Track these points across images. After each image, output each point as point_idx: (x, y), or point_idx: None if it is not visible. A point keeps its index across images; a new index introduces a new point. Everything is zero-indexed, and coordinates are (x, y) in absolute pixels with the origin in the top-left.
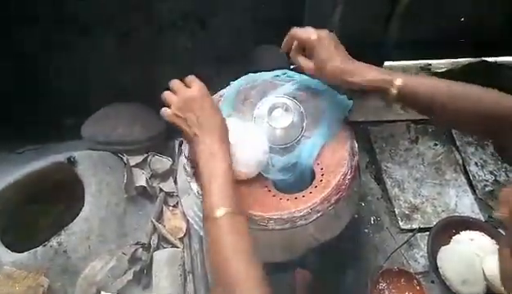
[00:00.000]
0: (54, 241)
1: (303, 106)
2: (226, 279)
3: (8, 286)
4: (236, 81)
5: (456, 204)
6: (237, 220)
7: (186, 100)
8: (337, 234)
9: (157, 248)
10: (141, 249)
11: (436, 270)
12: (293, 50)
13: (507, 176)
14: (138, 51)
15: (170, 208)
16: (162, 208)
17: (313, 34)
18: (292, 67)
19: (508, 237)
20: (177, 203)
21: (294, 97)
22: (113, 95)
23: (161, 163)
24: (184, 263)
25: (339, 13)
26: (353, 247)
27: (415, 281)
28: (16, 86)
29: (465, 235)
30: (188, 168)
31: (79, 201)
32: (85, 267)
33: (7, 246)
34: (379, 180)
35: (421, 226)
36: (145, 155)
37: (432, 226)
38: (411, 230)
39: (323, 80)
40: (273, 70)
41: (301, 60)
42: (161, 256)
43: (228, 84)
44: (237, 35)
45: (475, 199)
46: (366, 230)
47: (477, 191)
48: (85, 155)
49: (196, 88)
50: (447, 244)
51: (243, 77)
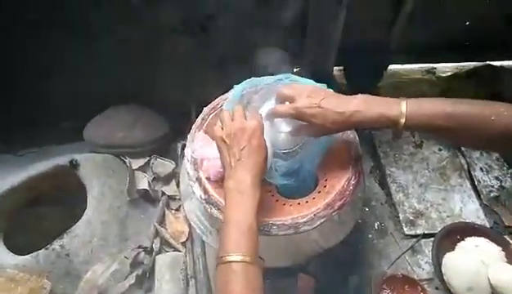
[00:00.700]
0: (56, 244)
1: None
2: None
3: (10, 288)
4: (239, 85)
5: (461, 210)
6: (251, 271)
7: (238, 130)
8: (341, 240)
9: (159, 252)
10: (143, 253)
11: (440, 277)
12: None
13: None
14: (140, 54)
15: (172, 212)
16: (164, 212)
17: (291, 109)
18: (295, 70)
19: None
20: (180, 207)
21: None
22: (115, 97)
23: (163, 166)
24: (186, 267)
25: (343, 18)
26: (357, 253)
27: (419, 287)
28: (17, 87)
29: (470, 242)
30: (191, 172)
31: (82, 204)
32: (87, 270)
33: (10, 248)
34: (383, 185)
35: (426, 232)
36: (147, 158)
37: (436, 232)
38: (416, 236)
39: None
40: (276, 74)
41: (305, 132)
42: (163, 260)
43: (231, 88)
44: (238, 38)
45: (480, 205)
46: (370, 236)
47: (482, 197)
48: (87, 158)
49: (253, 122)
50: (452, 251)
51: (246, 81)
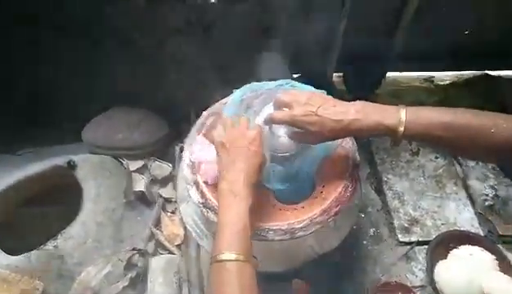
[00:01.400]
0: (50, 245)
1: None
2: None
3: (2, 289)
4: (240, 89)
5: (456, 218)
6: (245, 270)
7: (239, 137)
8: (336, 246)
9: (154, 255)
10: (138, 255)
11: (433, 285)
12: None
13: (507, 191)
14: (141, 57)
15: (168, 214)
16: (160, 214)
17: (287, 117)
18: (295, 76)
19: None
20: (176, 210)
21: None
22: (114, 99)
23: (161, 169)
24: (180, 270)
25: (343, 26)
26: (352, 259)
27: None
28: (17, 87)
29: (464, 250)
30: (189, 175)
31: (77, 205)
32: (80, 272)
33: (2, 248)
34: (379, 192)
35: (420, 239)
36: (145, 160)
37: (431, 239)
38: (410, 243)
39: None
40: (276, 79)
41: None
42: (158, 263)
43: (231, 92)
44: (240, 43)
45: (475, 213)
46: (365, 242)
47: (477, 205)
48: (85, 159)
49: (253, 132)
50: (446, 258)
51: (246, 85)
